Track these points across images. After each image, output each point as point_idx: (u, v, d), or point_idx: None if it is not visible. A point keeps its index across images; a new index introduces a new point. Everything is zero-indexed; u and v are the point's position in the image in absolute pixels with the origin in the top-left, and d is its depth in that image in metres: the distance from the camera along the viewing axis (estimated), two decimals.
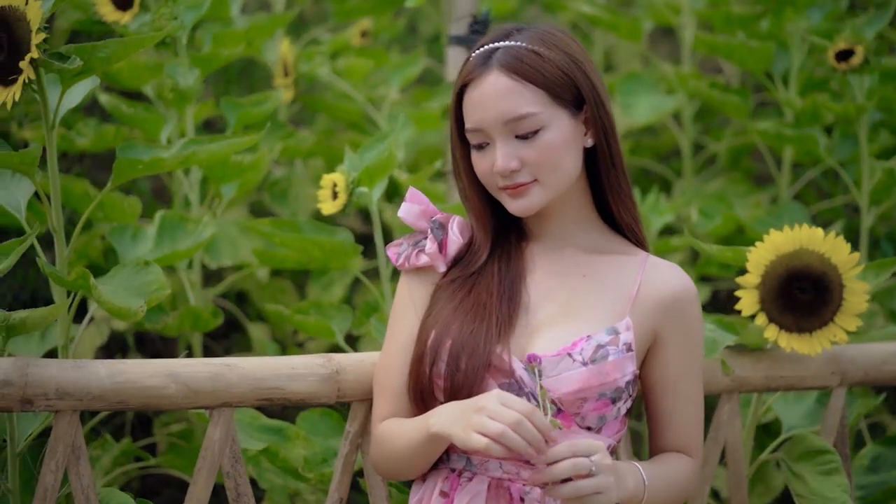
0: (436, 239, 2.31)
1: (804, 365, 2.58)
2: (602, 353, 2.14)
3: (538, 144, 2.18)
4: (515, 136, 2.19)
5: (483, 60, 2.21)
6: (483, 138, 2.21)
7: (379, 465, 2.28)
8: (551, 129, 2.19)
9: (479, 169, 2.24)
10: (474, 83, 2.21)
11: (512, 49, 2.20)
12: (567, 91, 2.20)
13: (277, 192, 3.80)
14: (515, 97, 2.17)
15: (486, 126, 2.19)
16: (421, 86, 4.16)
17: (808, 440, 2.55)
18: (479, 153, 2.23)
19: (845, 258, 2.44)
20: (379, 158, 2.67)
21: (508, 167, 2.18)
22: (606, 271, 2.26)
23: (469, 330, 2.19)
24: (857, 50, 3.31)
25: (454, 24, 3.01)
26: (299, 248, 2.79)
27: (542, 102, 2.18)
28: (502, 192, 2.23)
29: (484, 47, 2.23)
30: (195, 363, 2.27)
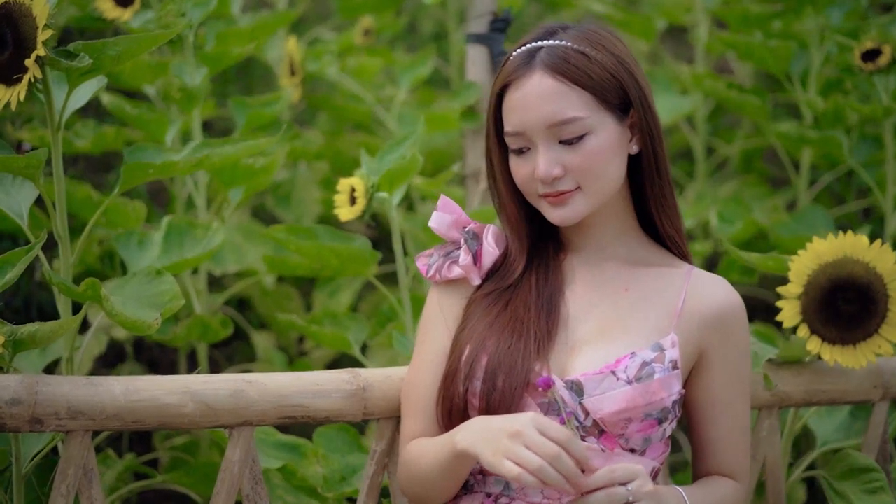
0: (470, 250, 2.19)
1: (846, 378, 2.47)
2: (647, 371, 2.03)
3: (583, 150, 2.07)
4: (559, 140, 2.07)
5: (526, 60, 2.09)
6: (524, 142, 2.09)
7: (406, 487, 2.16)
8: (597, 135, 2.07)
9: (518, 175, 2.12)
10: (516, 84, 2.09)
11: (557, 49, 2.08)
12: (614, 94, 2.08)
13: (281, 196, 3.68)
14: (561, 100, 2.05)
15: (528, 130, 2.07)
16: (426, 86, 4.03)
17: (852, 457, 2.44)
18: (518, 158, 2.11)
19: (891, 267, 2.33)
20: (400, 162, 2.55)
21: (551, 174, 2.07)
22: (649, 285, 2.14)
23: (506, 346, 2.07)
24: (885, 49, 3.21)
25: (474, 21, 2.90)
26: (316, 255, 2.67)
27: (589, 106, 2.07)
28: (542, 200, 2.11)
29: (526, 46, 2.11)
30: (214, 379, 2.15)
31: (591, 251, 2.18)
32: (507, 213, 2.19)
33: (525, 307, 2.11)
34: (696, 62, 4.13)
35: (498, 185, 2.18)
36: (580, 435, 2.03)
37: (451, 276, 2.19)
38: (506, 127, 2.11)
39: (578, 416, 2.03)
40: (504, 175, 2.16)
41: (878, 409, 2.52)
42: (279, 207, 3.69)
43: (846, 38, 3.37)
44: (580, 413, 2.03)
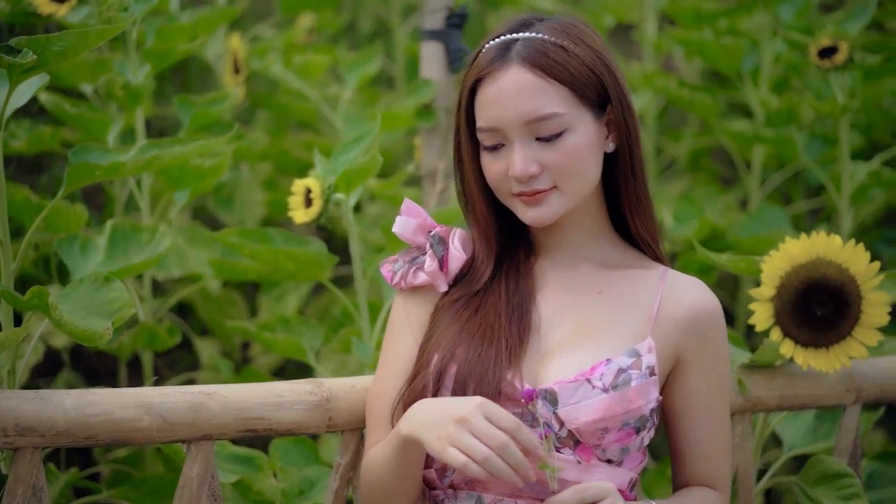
0: (436, 255, 2.09)
1: (818, 382, 2.41)
2: (624, 378, 1.95)
3: (561, 148, 1.98)
4: (536, 137, 1.99)
5: (501, 52, 2.00)
6: (498, 139, 2.01)
7: (367, 496, 2.07)
8: (576, 132, 1.99)
9: (490, 172, 2.03)
10: (491, 77, 1.99)
11: (534, 41, 1.99)
12: (592, 90, 2.00)
13: (222, 198, 3.55)
14: (539, 95, 1.97)
15: (504, 126, 1.99)
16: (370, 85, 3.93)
17: (825, 463, 2.38)
18: (491, 155, 2.02)
19: (864, 268, 2.27)
20: (359, 162, 2.46)
21: (527, 172, 1.98)
22: (624, 287, 2.07)
23: (476, 354, 1.98)
24: (842, 47, 3.17)
25: (428, 17, 2.81)
26: (271, 260, 2.57)
27: (567, 102, 1.98)
28: (516, 200, 2.03)
29: (500, 37, 2.02)
30: (171, 392, 2.04)
31: (563, 253, 2.10)
32: (477, 213, 2.09)
33: (495, 313, 2.03)
34: (643, 60, 4.07)
35: (468, 184, 2.09)
36: (555, 446, 1.95)
37: (417, 282, 2.10)
38: (479, 122, 2.02)
39: (553, 427, 1.95)
40: (475, 173, 2.07)
41: (849, 413, 2.47)
42: (221, 210, 3.57)
43: (802, 35, 3.32)
44: (555, 423, 1.95)
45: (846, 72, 3.18)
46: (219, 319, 3.38)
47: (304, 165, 3.69)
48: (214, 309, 3.42)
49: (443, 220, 2.34)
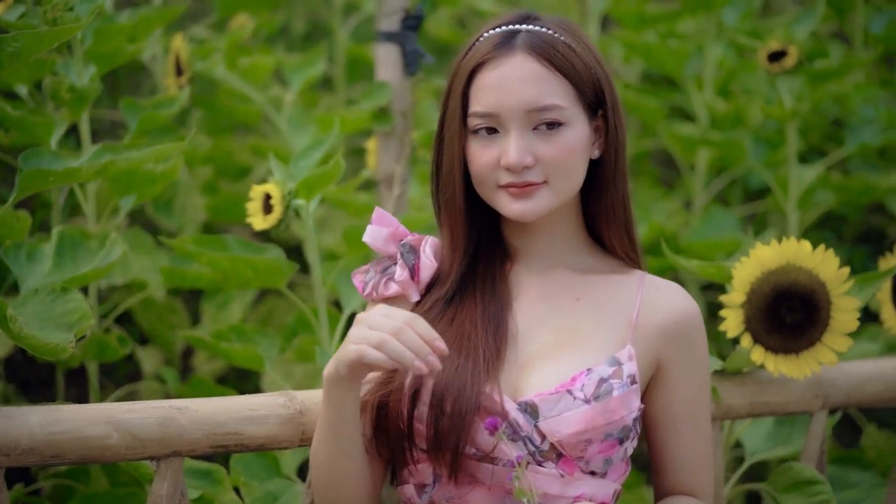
0: (407, 265, 2.04)
1: (788, 389, 2.40)
2: (606, 388, 1.91)
3: (557, 142, 1.94)
4: (533, 128, 1.94)
5: (505, 40, 1.96)
6: (494, 124, 1.95)
7: (317, 492, 2.00)
8: (573, 128, 1.96)
9: (478, 160, 1.97)
10: (494, 63, 1.95)
11: (541, 34, 1.96)
12: (590, 91, 1.97)
13: (162, 203, 3.45)
14: (543, 85, 1.93)
15: (504, 112, 1.94)
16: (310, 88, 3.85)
17: (796, 470, 2.37)
18: (482, 142, 1.97)
19: (834, 274, 2.27)
20: (320, 168, 2.40)
21: (523, 161, 1.93)
22: (602, 293, 2.03)
23: (454, 367, 1.92)
24: (791, 51, 3.18)
25: (385, 19, 2.75)
26: (229, 267, 2.50)
27: (569, 97, 1.95)
28: (502, 192, 1.97)
29: (501, 28, 1.98)
30: (140, 407, 1.96)
31: (539, 260, 2.05)
32: (456, 207, 2.02)
33: (471, 323, 1.97)
34: None
35: (453, 175, 2.01)
36: (537, 460, 1.91)
37: (388, 293, 2.05)
38: (475, 107, 1.96)
39: (534, 441, 1.90)
40: (459, 161, 2.00)
41: (817, 419, 2.46)
42: (159, 214, 3.47)
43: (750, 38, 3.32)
44: (536, 437, 1.90)
45: (795, 76, 3.18)
46: (160, 328, 3.29)
47: (245, 169, 3.62)
48: (155, 317, 3.32)
49: (412, 226, 2.29)
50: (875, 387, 2.48)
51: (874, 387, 2.48)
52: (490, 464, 1.90)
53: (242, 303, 3.26)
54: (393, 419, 1.95)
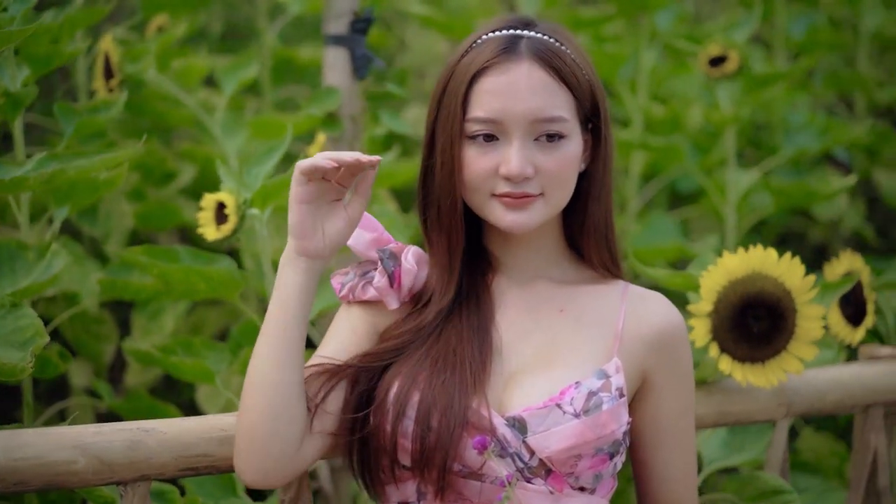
0: (386, 271, 1.97)
1: (753, 398, 2.38)
2: (595, 402, 1.86)
3: (557, 155, 1.90)
4: (534, 139, 1.89)
5: (509, 45, 1.90)
6: (495, 131, 1.90)
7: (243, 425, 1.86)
8: (572, 142, 1.91)
9: (475, 168, 1.91)
10: (499, 68, 1.89)
11: (545, 42, 1.91)
12: (587, 103, 1.93)
13: (86, 210, 3.33)
14: (550, 95, 1.89)
15: (508, 120, 1.88)
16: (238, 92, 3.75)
17: (762, 479, 2.36)
18: (478, 149, 1.91)
19: (800, 282, 2.26)
20: (279, 176, 2.32)
21: (524, 172, 1.88)
22: (585, 305, 1.98)
23: (440, 381, 1.87)
24: (732, 56, 3.18)
25: (332, 22, 2.68)
26: (183, 279, 2.40)
27: (570, 109, 1.91)
28: (496, 201, 1.91)
29: (501, 31, 1.92)
30: (107, 430, 1.87)
31: (521, 272, 2.01)
32: (455, 214, 1.94)
33: (457, 336, 1.91)
34: None
35: (453, 181, 1.93)
36: (526, 477, 1.86)
37: (366, 297, 1.98)
38: (475, 112, 1.90)
39: (522, 457, 1.85)
40: (461, 169, 1.93)
41: (780, 427, 2.45)
42: (84, 222, 3.34)
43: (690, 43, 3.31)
44: (524, 453, 1.85)
45: (735, 80, 3.19)
46: (88, 340, 3.17)
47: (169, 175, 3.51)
48: (83, 329, 3.20)
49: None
50: (835, 395, 2.47)
51: (835, 395, 2.47)
52: (477, 481, 1.85)
53: (175, 313, 3.16)
54: (375, 434, 1.88)
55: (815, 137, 3.40)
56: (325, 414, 1.89)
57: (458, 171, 1.92)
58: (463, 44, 1.97)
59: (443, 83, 1.95)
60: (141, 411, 2.81)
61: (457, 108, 1.91)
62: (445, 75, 1.95)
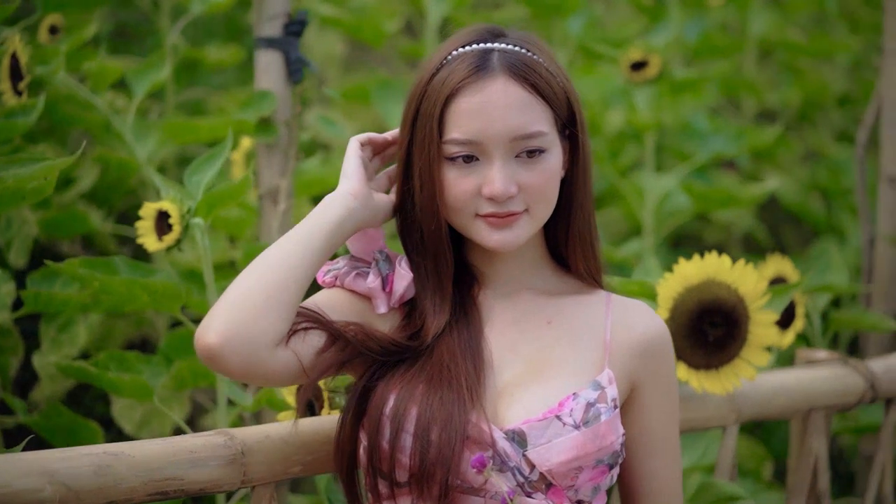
0: (380, 273, 1.91)
1: (705, 404, 2.39)
2: (594, 413, 1.83)
3: (538, 169, 1.86)
4: (515, 155, 1.85)
5: (480, 62, 1.85)
6: (475, 152, 1.85)
7: (238, 287, 1.82)
8: (552, 154, 1.88)
9: (456, 190, 1.87)
10: (473, 88, 1.84)
11: (518, 54, 1.86)
12: (564, 112, 1.90)
13: None
14: (527, 111, 1.84)
15: (487, 140, 1.84)
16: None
17: (717, 487, 2.36)
18: (459, 171, 1.86)
19: (752, 288, 2.27)
20: (226, 185, 2.24)
21: (508, 192, 1.84)
22: (572, 316, 1.95)
23: (437, 396, 1.81)
24: (653, 61, 3.18)
25: (266, 24, 2.60)
26: (124, 292, 2.30)
27: (549, 121, 1.87)
28: (480, 221, 1.87)
29: (471, 46, 1.87)
30: (73, 455, 1.77)
31: (506, 284, 1.97)
32: (441, 237, 1.90)
33: (449, 353, 1.87)
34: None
35: (435, 205, 1.88)
36: (526, 492, 1.82)
37: (355, 287, 1.91)
38: (453, 134, 1.85)
39: (523, 471, 1.81)
40: (442, 193, 1.88)
41: (729, 433, 2.46)
42: None
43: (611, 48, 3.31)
44: (524, 467, 1.81)
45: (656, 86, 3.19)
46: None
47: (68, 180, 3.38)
48: None
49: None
50: (781, 400, 2.49)
51: (781, 400, 2.49)
52: (477, 496, 1.80)
53: (87, 325, 3.03)
54: (371, 448, 1.83)
55: (730, 142, 3.43)
56: (302, 341, 1.83)
57: (439, 194, 1.88)
58: (432, 60, 1.92)
59: (415, 104, 1.90)
60: (60, 428, 2.70)
61: (433, 131, 1.86)
62: (417, 96, 1.90)
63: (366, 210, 1.90)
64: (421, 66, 1.94)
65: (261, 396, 2.31)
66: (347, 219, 1.88)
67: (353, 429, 1.87)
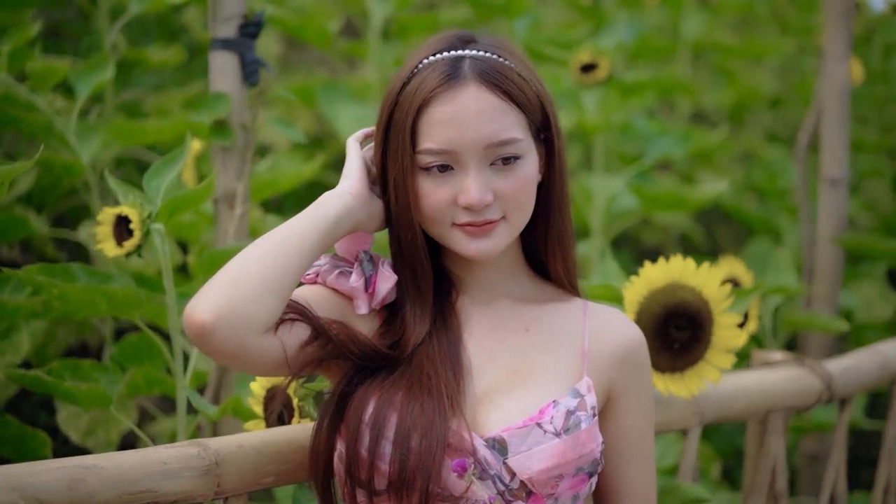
0: (363, 273, 1.89)
1: (670, 407, 2.39)
2: (574, 421, 1.82)
3: (514, 176, 1.84)
4: (490, 163, 1.83)
5: (451, 70, 1.82)
6: (449, 161, 1.83)
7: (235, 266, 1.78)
8: (527, 160, 1.86)
9: (432, 200, 1.84)
10: (445, 97, 1.81)
11: (489, 60, 1.84)
12: (537, 116, 1.88)
13: None
14: (500, 118, 1.82)
15: (461, 149, 1.81)
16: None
17: (682, 489, 2.36)
18: (434, 181, 1.84)
19: (716, 291, 2.27)
20: (190, 189, 2.20)
21: (484, 200, 1.82)
22: (549, 323, 1.94)
23: (418, 404, 1.79)
24: (602, 64, 3.19)
25: (220, 25, 2.55)
26: (85, 299, 2.25)
27: (522, 127, 1.85)
28: (457, 231, 1.86)
29: (442, 54, 1.85)
30: (44, 468, 1.72)
31: (483, 291, 1.95)
32: (418, 247, 1.88)
33: (429, 360, 1.84)
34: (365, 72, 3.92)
35: (410, 216, 1.87)
36: (507, 500, 1.80)
37: (337, 286, 1.88)
38: (426, 144, 1.83)
39: (503, 479, 1.79)
40: (417, 203, 1.86)
41: (692, 435, 2.46)
42: None
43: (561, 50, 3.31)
44: (505, 474, 1.79)
45: (607, 88, 3.20)
46: None
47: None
48: None
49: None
50: (742, 402, 2.50)
51: (742, 402, 2.50)
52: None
53: (30, 331, 2.96)
54: (349, 455, 1.80)
55: (677, 144, 3.44)
56: (289, 331, 1.81)
57: (414, 204, 1.86)
58: (402, 69, 1.90)
59: (387, 114, 1.88)
60: (7, 439, 2.63)
61: (405, 141, 1.84)
62: (388, 105, 1.88)
63: (363, 211, 1.88)
64: (392, 76, 1.93)
65: (226, 405, 2.27)
66: (345, 217, 1.85)
67: (329, 436, 1.84)
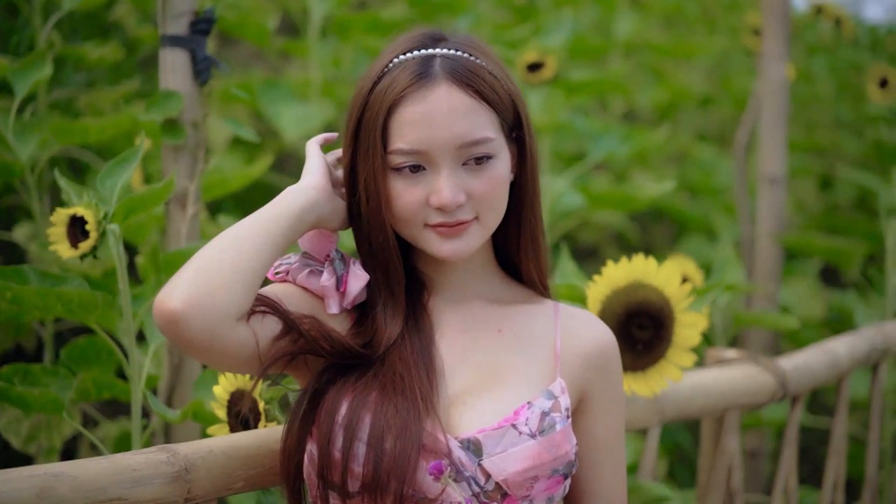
0: (335, 272, 1.85)
1: (632, 406, 2.39)
2: (549, 422, 1.81)
3: (487, 176, 1.82)
4: (462, 163, 1.81)
5: (422, 69, 1.80)
6: (421, 161, 1.81)
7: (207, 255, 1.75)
8: (499, 159, 1.84)
9: (403, 200, 1.82)
10: (416, 96, 1.79)
11: (459, 59, 1.82)
12: (509, 115, 1.86)
13: None
14: (473, 117, 1.80)
15: (433, 149, 1.79)
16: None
17: (645, 488, 2.36)
18: (405, 181, 1.82)
19: (677, 290, 2.28)
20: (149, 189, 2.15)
21: (457, 200, 1.80)
22: (521, 325, 1.92)
23: (392, 405, 1.76)
24: (548, 63, 3.18)
25: (171, 21, 2.49)
26: (39, 302, 2.18)
27: (494, 126, 1.83)
28: (430, 231, 1.84)
29: (413, 52, 1.82)
30: (14, 476, 1.67)
31: (455, 292, 1.93)
32: (390, 248, 1.86)
33: (402, 361, 1.82)
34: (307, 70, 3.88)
35: (381, 216, 1.84)
36: (482, 502, 1.77)
37: (307, 284, 1.85)
38: (397, 144, 1.80)
39: (478, 480, 1.77)
40: (388, 203, 1.84)
41: (652, 434, 2.47)
42: None
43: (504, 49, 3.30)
44: (480, 476, 1.77)
45: (554, 87, 3.19)
46: None
47: None
48: None
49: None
50: (700, 400, 2.51)
51: (700, 400, 2.51)
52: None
53: None
54: (322, 457, 1.76)
55: (620, 143, 3.44)
56: (260, 323, 1.78)
57: (385, 205, 1.84)
58: (373, 68, 1.87)
59: (357, 114, 1.85)
60: None
61: (376, 141, 1.82)
62: (358, 105, 1.85)
63: (327, 206, 1.86)
64: (362, 75, 1.90)
65: (187, 409, 2.22)
66: (309, 210, 1.83)
67: (300, 437, 1.81)
